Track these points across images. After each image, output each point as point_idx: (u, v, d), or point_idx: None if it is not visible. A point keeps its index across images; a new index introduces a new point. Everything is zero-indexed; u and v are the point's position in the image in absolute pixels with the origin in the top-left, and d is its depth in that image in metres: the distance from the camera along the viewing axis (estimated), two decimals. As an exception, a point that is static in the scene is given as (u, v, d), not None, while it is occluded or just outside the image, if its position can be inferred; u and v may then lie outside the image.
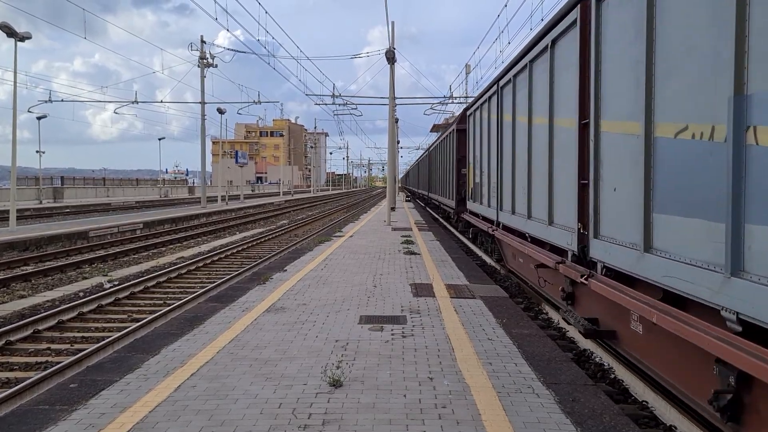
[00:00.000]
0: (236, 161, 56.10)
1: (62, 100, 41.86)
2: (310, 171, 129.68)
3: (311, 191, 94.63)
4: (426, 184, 38.55)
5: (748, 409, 3.72)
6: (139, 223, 24.22)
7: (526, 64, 8.68)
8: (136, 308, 10.18)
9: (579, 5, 6.23)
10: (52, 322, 8.87)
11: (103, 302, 10.25)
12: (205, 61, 38.02)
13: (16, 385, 6.10)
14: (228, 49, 43.20)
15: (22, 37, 20.87)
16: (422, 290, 8.69)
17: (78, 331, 8.70)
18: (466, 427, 3.83)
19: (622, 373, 5.96)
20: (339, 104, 36.95)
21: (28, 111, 41.94)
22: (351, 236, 17.56)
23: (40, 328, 8.57)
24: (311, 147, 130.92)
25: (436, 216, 30.80)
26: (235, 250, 17.71)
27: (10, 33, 20.39)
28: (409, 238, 16.40)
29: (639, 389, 5.51)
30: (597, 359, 6.57)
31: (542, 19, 9.38)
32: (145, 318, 9.07)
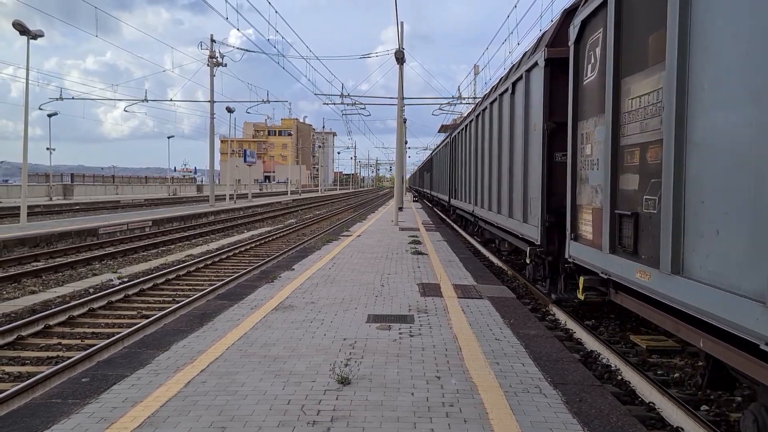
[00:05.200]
0: (244, 160, 56.25)
1: (73, 98, 42.19)
2: (317, 170, 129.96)
3: (319, 191, 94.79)
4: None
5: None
6: (148, 220, 24.37)
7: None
8: (146, 305, 10.27)
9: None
10: (62, 318, 8.96)
11: (113, 299, 10.34)
12: (214, 60, 38.19)
13: (29, 379, 6.18)
14: (238, 48, 43.42)
15: (35, 35, 21.06)
16: (429, 290, 8.71)
17: (88, 327, 8.78)
18: (474, 426, 3.86)
19: (629, 374, 5.97)
20: (347, 104, 37.03)
21: (39, 108, 42.28)
22: (359, 236, 17.61)
23: (51, 323, 8.66)
24: (319, 146, 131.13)
25: (444, 216, 30.81)
26: (243, 249, 17.80)
27: (23, 31, 20.59)
28: (416, 238, 16.42)
29: (646, 391, 5.51)
30: (604, 360, 6.58)
31: (551, 20, 9.36)
32: (155, 315, 9.14)
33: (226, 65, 38.83)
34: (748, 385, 4.61)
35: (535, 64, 8.60)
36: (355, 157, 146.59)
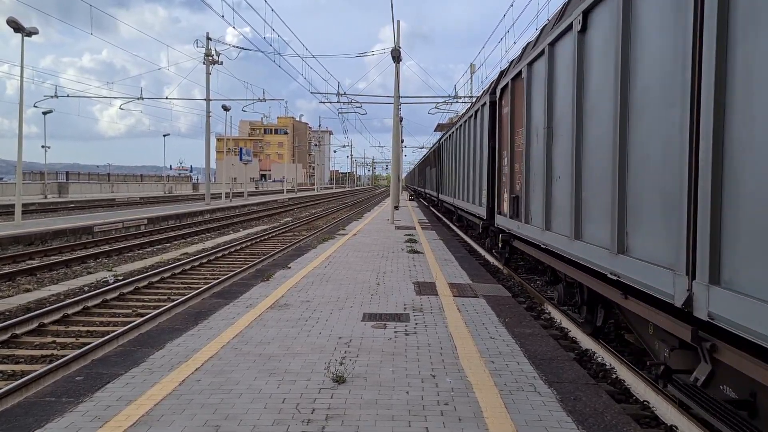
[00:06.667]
0: (240, 158, 56.16)
1: (68, 96, 42.04)
2: (314, 169, 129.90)
3: (315, 189, 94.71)
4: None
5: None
6: (143, 219, 24.30)
7: None
8: (141, 303, 10.24)
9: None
10: (57, 316, 8.92)
11: (108, 297, 10.30)
12: (210, 58, 38.12)
13: (22, 378, 6.16)
14: (234, 47, 43.50)
15: (29, 32, 20.96)
16: (425, 288, 8.72)
17: (83, 325, 8.75)
18: (468, 424, 3.86)
19: (624, 373, 5.98)
20: (344, 103, 37.05)
21: (34, 106, 42.09)
22: (355, 234, 17.60)
23: (46, 321, 8.63)
24: (315, 145, 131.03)
25: (439, 215, 30.76)
26: (238, 247, 17.77)
27: (17, 28, 20.49)
28: (412, 237, 16.43)
29: (640, 390, 5.53)
30: (599, 359, 6.59)
31: (548, 19, 8.75)
32: (150, 313, 9.12)
33: (222, 63, 38.83)
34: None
35: None
36: (351, 155, 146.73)
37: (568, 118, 6.74)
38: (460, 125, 18.18)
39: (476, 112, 14.49)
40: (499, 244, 11.55)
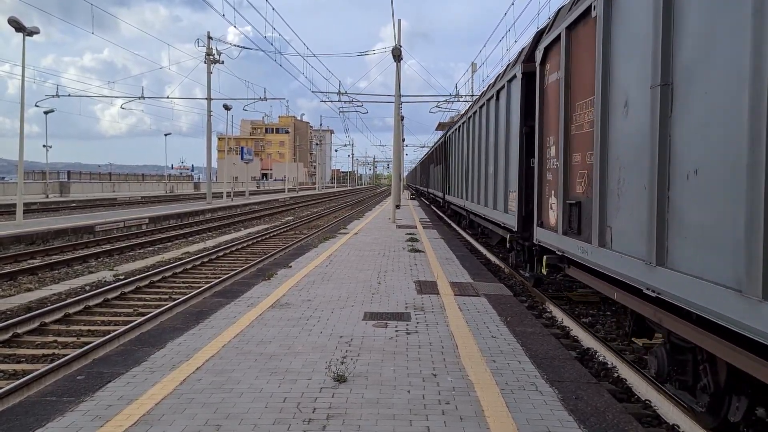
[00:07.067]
0: (242, 158, 56.15)
1: (69, 95, 42.11)
2: (315, 168, 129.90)
3: (316, 188, 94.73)
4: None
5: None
6: (144, 218, 24.32)
7: None
8: (142, 302, 10.24)
9: None
10: (58, 315, 8.93)
11: (109, 296, 10.30)
12: (211, 57, 38.13)
13: (24, 377, 6.16)
14: (235, 46, 43.48)
15: (30, 32, 20.97)
16: (426, 288, 8.71)
17: (84, 325, 8.75)
18: (469, 423, 3.85)
19: (625, 372, 5.97)
20: (345, 102, 37.05)
21: (36, 105, 42.16)
22: (356, 233, 17.60)
23: (47, 321, 8.63)
24: (317, 144, 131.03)
25: (441, 214, 30.74)
26: (240, 246, 17.77)
27: (19, 27, 20.49)
28: (413, 236, 16.41)
29: (642, 389, 5.52)
30: (600, 358, 6.59)
31: (549, 17, 8.15)
32: (151, 312, 9.12)
33: (223, 62, 38.84)
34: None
35: None
36: (352, 154, 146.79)
37: (732, 50, 3.53)
38: (475, 112, 15.03)
39: (498, 91, 11.50)
40: (544, 271, 8.03)
